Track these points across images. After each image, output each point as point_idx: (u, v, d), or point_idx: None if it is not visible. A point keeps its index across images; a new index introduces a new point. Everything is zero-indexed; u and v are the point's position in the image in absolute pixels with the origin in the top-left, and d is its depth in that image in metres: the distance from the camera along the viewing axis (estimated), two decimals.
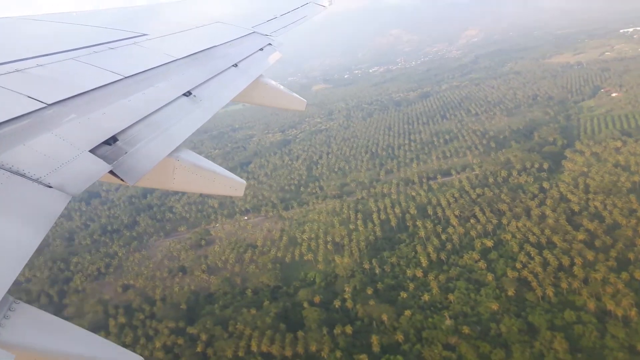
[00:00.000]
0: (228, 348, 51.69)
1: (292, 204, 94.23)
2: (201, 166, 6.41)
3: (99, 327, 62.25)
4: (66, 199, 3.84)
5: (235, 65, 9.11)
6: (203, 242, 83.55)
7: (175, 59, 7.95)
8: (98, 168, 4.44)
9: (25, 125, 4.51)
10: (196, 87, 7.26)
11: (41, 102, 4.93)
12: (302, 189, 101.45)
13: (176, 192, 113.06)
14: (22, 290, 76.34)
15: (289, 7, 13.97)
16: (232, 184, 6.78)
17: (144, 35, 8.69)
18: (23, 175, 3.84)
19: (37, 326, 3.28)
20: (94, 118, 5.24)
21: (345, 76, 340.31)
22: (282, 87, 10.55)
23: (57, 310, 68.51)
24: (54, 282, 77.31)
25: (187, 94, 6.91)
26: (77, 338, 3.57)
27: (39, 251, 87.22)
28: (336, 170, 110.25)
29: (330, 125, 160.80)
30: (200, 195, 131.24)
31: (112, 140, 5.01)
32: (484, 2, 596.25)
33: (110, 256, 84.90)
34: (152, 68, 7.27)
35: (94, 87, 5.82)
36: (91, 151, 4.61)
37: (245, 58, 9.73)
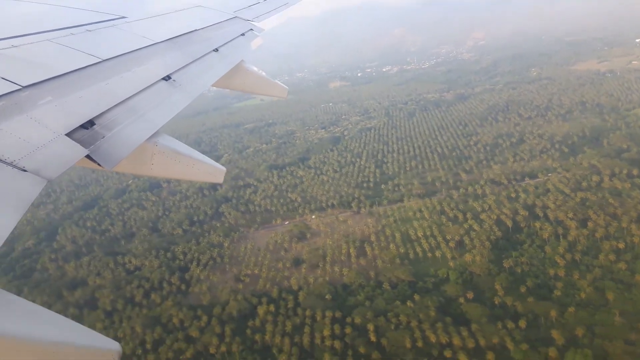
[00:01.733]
0: (402, 338, 53.69)
1: (381, 200, 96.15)
2: (180, 152, 6.36)
3: (246, 316, 63.52)
4: (41, 183, 3.80)
5: (216, 50, 9.03)
6: (308, 235, 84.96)
7: (154, 42, 7.84)
8: (74, 152, 4.39)
9: None
10: (176, 71, 7.20)
11: (16, 84, 4.80)
12: (382, 186, 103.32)
13: (250, 185, 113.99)
14: (142, 277, 76.74)
15: None
16: (211, 170, 6.74)
17: (123, 17, 8.55)
18: None
19: (9, 311, 3.24)
20: (70, 101, 5.12)
21: (359, 74, 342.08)
22: (263, 73, 10.49)
23: (190, 298, 69.44)
24: (172, 271, 77.82)
25: (167, 78, 6.84)
26: (54, 324, 3.55)
27: (130, 236, 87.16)
28: (408, 169, 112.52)
29: (375, 124, 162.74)
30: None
31: (89, 124, 4.93)
32: (484, 6, 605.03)
33: (216, 246, 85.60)
34: (131, 51, 7.13)
35: (71, 69, 5.71)
36: (67, 135, 4.53)
37: (226, 43, 9.69)
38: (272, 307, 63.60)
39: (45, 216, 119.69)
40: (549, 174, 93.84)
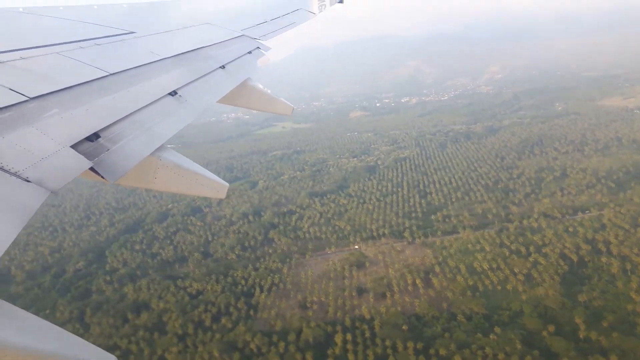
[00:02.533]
0: None
1: (433, 231, 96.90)
2: (184, 166, 6.32)
3: (321, 344, 63.65)
4: (44, 194, 3.79)
5: (223, 67, 9.03)
6: (367, 264, 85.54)
7: (162, 58, 7.87)
8: (79, 164, 4.40)
9: (5, 118, 4.39)
10: (182, 87, 7.21)
11: (23, 95, 4.81)
12: (432, 217, 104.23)
13: (293, 211, 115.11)
14: (206, 302, 77.17)
15: (280, 12, 13.86)
16: (214, 186, 6.71)
17: (132, 32, 8.60)
18: (1, 168, 3.78)
19: (9, 322, 3.24)
20: (76, 114, 5.13)
21: (377, 104, 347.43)
22: (269, 91, 10.50)
23: (260, 323, 69.73)
24: (236, 296, 78.30)
25: (173, 93, 6.85)
26: (52, 336, 3.54)
27: (182, 260, 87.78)
28: (454, 200, 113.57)
29: (408, 154, 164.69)
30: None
31: (94, 136, 4.93)
32: (496, 40, 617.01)
33: (274, 272, 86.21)
34: (138, 66, 7.14)
35: (78, 82, 5.73)
36: (72, 147, 4.53)
37: (233, 60, 9.69)
38: (348, 336, 63.65)
39: (90, 238, 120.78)
40: (602, 209, 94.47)
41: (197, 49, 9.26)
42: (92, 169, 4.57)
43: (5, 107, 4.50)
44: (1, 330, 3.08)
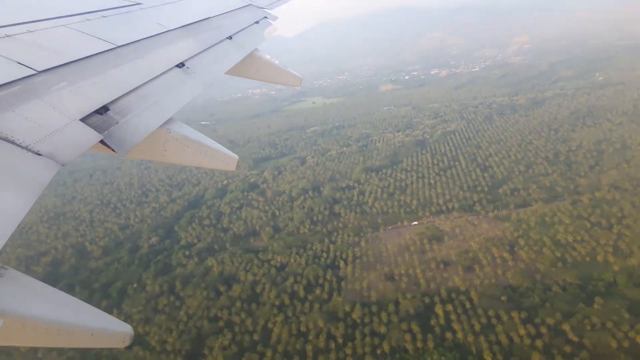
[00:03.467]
0: (605, 339, 55.24)
1: (503, 204, 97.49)
2: (193, 139, 6.29)
3: (420, 315, 65.61)
4: (56, 167, 3.80)
5: (230, 37, 8.90)
6: (446, 238, 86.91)
7: (168, 29, 7.78)
8: (89, 137, 4.38)
9: (14, 92, 4.37)
10: (189, 58, 7.15)
11: (31, 68, 4.78)
12: (500, 190, 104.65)
13: (352, 187, 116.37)
14: (294, 274, 79.45)
15: None
16: (224, 158, 6.71)
17: (138, 4, 8.50)
18: (12, 142, 3.74)
19: (26, 292, 3.30)
20: (85, 87, 5.08)
21: (406, 77, 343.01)
22: (276, 61, 10.39)
23: (353, 295, 71.92)
24: (323, 268, 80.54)
25: (180, 65, 6.79)
26: (66, 305, 3.60)
27: (254, 234, 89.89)
28: (516, 173, 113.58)
29: (455, 128, 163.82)
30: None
31: (103, 109, 4.90)
32: (520, 10, 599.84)
33: (352, 245, 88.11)
34: (145, 38, 7.04)
35: (86, 55, 5.67)
36: (82, 120, 4.52)
37: (240, 31, 9.56)
38: (449, 307, 65.50)
39: (155, 214, 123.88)
40: None
41: (204, 19, 9.21)
42: (102, 142, 4.57)
43: (15, 81, 4.51)
44: (19, 302, 3.23)
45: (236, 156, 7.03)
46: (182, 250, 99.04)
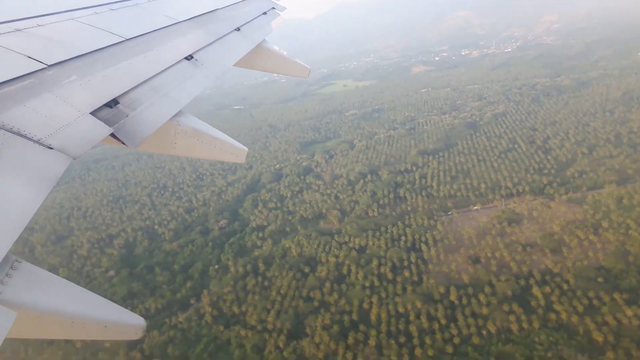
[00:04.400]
0: None
1: (573, 187, 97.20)
2: (203, 131, 6.33)
3: (516, 297, 66.54)
4: (67, 161, 3.85)
5: (238, 29, 8.87)
6: (525, 221, 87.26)
7: (177, 21, 7.79)
8: (99, 130, 4.41)
9: (25, 86, 4.41)
10: (198, 50, 7.15)
11: (41, 62, 4.81)
12: (567, 172, 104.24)
13: (410, 170, 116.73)
14: (377, 256, 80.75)
15: None
16: (233, 150, 6.77)
17: None
18: (24, 136, 3.79)
19: (40, 285, 3.32)
20: (94, 80, 5.12)
21: (437, 59, 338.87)
22: (285, 52, 10.26)
23: (442, 277, 73.04)
24: (405, 251, 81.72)
25: (189, 57, 6.80)
26: (79, 298, 3.64)
27: (321, 217, 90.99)
28: (580, 155, 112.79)
29: (504, 110, 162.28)
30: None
31: (113, 102, 4.93)
32: None
33: (427, 228, 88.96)
34: (153, 30, 7.05)
35: (95, 48, 5.69)
36: (92, 113, 4.56)
37: (248, 22, 9.54)
38: (546, 289, 66.31)
39: (217, 197, 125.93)
40: None
41: (212, 11, 9.22)
42: (112, 135, 4.62)
43: (25, 75, 4.56)
44: (33, 295, 3.27)
45: (246, 148, 7.08)
46: (254, 232, 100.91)
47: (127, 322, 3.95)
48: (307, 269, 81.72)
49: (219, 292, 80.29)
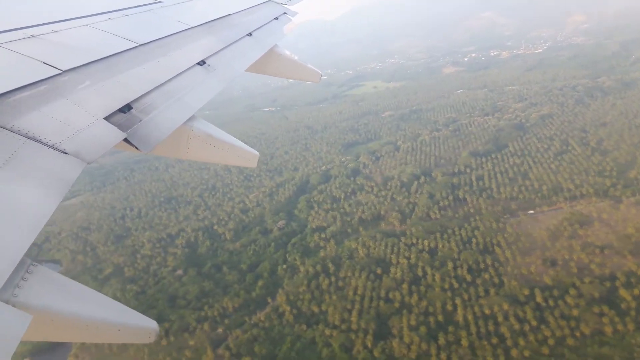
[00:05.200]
0: None
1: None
2: (215, 136, 6.35)
3: (606, 299, 66.16)
4: (81, 166, 3.89)
5: (250, 34, 8.91)
6: (596, 223, 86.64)
7: (189, 27, 7.84)
8: (113, 135, 4.45)
9: (40, 92, 4.45)
10: (210, 56, 7.19)
11: (56, 68, 4.85)
12: (630, 174, 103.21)
13: (463, 172, 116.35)
14: (450, 258, 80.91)
15: None
16: (245, 155, 6.77)
17: (159, 2, 8.61)
18: (39, 141, 3.84)
19: (55, 289, 3.36)
20: (108, 85, 5.17)
21: (465, 59, 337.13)
22: (296, 57, 10.22)
23: (527, 280, 72.96)
24: (480, 253, 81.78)
25: (201, 62, 6.83)
26: (93, 301, 3.67)
27: (379, 219, 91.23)
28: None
29: (549, 111, 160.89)
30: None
31: (126, 108, 4.95)
32: None
33: (496, 231, 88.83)
34: (166, 36, 7.11)
35: (109, 54, 5.74)
36: (106, 119, 4.59)
37: (260, 27, 9.59)
38: (635, 291, 65.91)
39: (269, 198, 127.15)
40: None
41: (224, 16, 9.31)
42: (126, 140, 4.67)
43: (40, 81, 4.62)
44: (48, 298, 3.31)
45: (257, 153, 7.10)
46: (315, 233, 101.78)
47: (140, 325, 3.98)
48: (378, 270, 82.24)
49: (294, 291, 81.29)
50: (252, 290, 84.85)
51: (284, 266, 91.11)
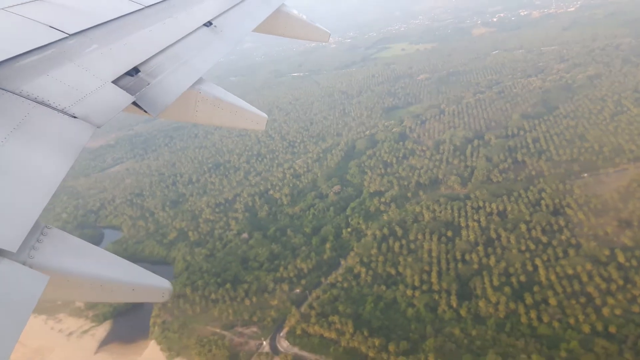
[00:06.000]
0: None
1: None
2: (223, 99, 6.22)
3: None
4: (91, 130, 3.84)
5: None
6: None
7: None
8: (121, 99, 4.39)
9: (48, 56, 4.38)
10: (216, 17, 6.96)
11: (63, 32, 4.73)
12: None
13: (515, 134, 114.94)
14: (522, 221, 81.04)
15: None
16: (254, 118, 6.63)
17: None
18: (48, 106, 3.80)
19: (69, 250, 3.37)
20: (115, 49, 5.05)
21: (494, 19, 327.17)
22: (304, 17, 9.79)
23: (606, 242, 73.13)
24: (551, 214, 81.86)
25: (208, 24, 6.64)
26: (108, 262, 3.64)
27: (437, 184, 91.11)
28: None
29: (594, 72, 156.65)
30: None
31: (134, 71, 4.87)
32: None
33: (563, 192, 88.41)
34: None
35: (115, 17, 5.58)
36: (114, 82, 4.54)
37: None
38: None
39: (318, 163, 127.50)
40: None
41: None
42: (134, 103, 4.63)
43: (47, 45, 4.55)
44: (64, 260, 3.34)
45: (266, 115, 7.02)
46: (374, 197, 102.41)
47: (154, 285, 4.05)
48: (448, 233, 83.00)
49: (365, 253, 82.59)
50: (321, 252, 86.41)
51: (349, 229, 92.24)
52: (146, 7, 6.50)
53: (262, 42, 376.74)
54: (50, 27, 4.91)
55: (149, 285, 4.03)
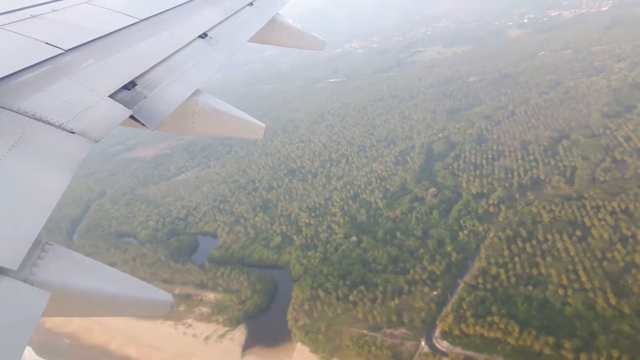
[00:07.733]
0: None
1: None
2: (221, 110, 6.28)
3: None
4: (89, 145, 3.83)
5: (251, 3, 8.67)
6: None
7: None
8: (119, 113, 4.40)
9: (44, 72, 4.41)
10: (211, 28, 7.07)
11: (59, 47, 4.76)
12: None
13: (597, 134, 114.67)
14: (627, 222, 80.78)
15: None
16: (252, 127, 6.69)
17: None
18: (46, 122, 3.80)
19: (71, 266, 3.38)
20: (111, 63, 5.10)
21: (525, 20, 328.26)
22: (299, 26, 9.85)
23: None
24: None
25: (203, 35, 6.69)
26: (110, 277, 3.66)
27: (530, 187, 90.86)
28: None
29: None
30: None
31: (130, 84, 4.90)
32: None
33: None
34: (167, 10, 6.96)
35: (110, 31, 5.63)
36: (111, 96, 4.55)
37: None
38: None
39: (399, 166, 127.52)
40: None
41: None
42: (132, 116, 4.65)
43: (43, 61, 4.59)
44: (65, 276, 3.33)
45: (263, 125, 7.05)
46: (479, 200, 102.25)
47: (156, 299, 4.08)
48: (577, 232, 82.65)
49: (495, 255, 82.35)
50: (445, 255, 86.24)
51: (465, 232, 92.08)
52: (141, 20, 6.57)
53: (282, 50, 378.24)
54: (46, 43, 4.96)
55: (151, 299, 4.07)
